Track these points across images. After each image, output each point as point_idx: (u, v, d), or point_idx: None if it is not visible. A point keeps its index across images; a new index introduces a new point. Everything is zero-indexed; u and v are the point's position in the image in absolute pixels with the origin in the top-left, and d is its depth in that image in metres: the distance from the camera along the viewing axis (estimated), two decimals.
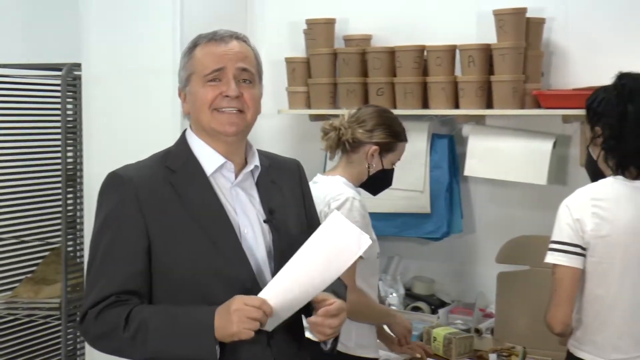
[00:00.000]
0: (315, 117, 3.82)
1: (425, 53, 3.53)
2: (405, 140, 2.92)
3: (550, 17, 3.47)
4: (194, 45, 2.06)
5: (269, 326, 1.90)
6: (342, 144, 2.86)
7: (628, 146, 2.50)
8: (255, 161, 2.08)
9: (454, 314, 3.58)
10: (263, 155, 2.16)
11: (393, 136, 2.86)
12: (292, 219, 2.10)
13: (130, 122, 3.69)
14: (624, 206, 2.47)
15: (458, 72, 3.50)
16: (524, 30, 3.36)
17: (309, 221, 2.17)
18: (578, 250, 2.49)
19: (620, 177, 2.51)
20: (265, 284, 1.93)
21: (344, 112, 2.93)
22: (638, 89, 2.51)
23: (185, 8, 3.62)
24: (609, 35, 3.42)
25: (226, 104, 1.99)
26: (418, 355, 3.07)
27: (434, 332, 3.22)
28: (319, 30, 3.73)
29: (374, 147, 2.84)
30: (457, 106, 3.48)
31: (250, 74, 2.02)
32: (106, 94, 3.73)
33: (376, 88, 3.59)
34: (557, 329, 2.54)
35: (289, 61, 3.80)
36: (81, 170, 3.95)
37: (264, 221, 2.04)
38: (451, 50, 3.47)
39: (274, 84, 3.95)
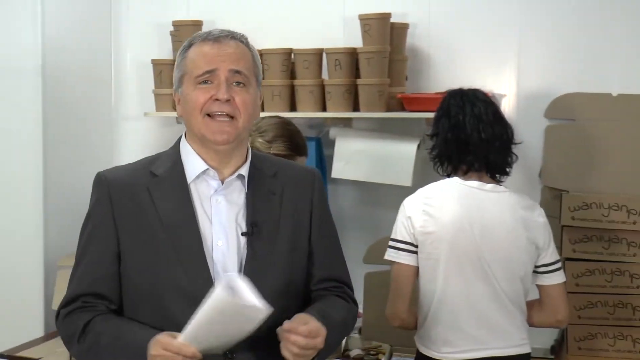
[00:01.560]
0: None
1: (292, 56, 3.55)
2: (305, 154, 2.90)
3: (413, 22, 3.56)
4: (189, 44, 1.96)
5: (218, 349, 1.81)
6: None
7: (442, 151, 2.68)
8: (242, 170, 1.95)
9: None
10: (271, 162, 2.04)
11: (292, 149, 2.85)
12: (284, 235, 1.95)
13: None
14: (451, 203, 2.58)
15: (325, 75, 3.54)
16: (389, 35, 3.43)
17: (314, 237, 2.00)
18: (410, 247, 2.61)
19: (456, 178, 2.65)
20: None
21: None
22: (456, 104, 2.69)
23: (46, 8, 3.51)
24: (469, 40, 3.55)
25: (217, 108, 1.88)
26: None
27: None
28: (186, 32, 3.68)
29: None
30: (324, 109, 3.52)
31: (244, 77, 1.91)
32: None
33: None
34: (394, 323, 2.67)
35: (156, 63, 3.74)
36: None
37: (242, 234, 1.91)
38: (318, 53, 3.51)
39: (141, 86, 3.90)
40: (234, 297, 1.73)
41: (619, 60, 3.42)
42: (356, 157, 3.54)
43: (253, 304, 1.75)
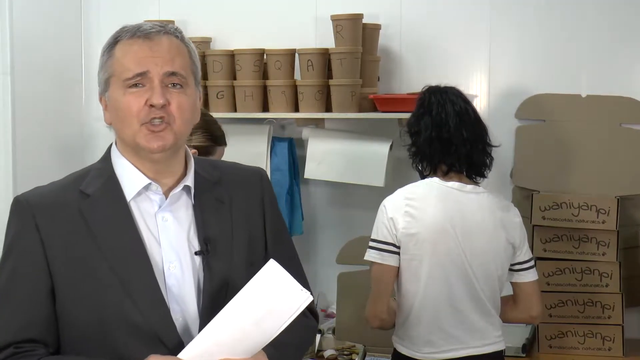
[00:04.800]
0: None
1: (265, 56, 3.55)
2: (224, 144, 2.90)
3: (385, 23, 3.58)
4: (115, 41, 1.70)
5: None
6: None
7: (424, 150, 2.66)
8: (187, 180, 1.73)
9: None
10: (212, 167, 1.82)
11: (212, 140, 2.83)
12: (240, 247, 1.74)
13: None
14: (433, 205, 2.59)
15: (298, 76, 3.54)
16: (361, 36, 3.44)
17: (271, 246, 1.80)
18: (392, 248, 2.60)
19: (435, 178, 2.64)
20: (189, 335, 1.64)
21: None
22: (437, 101, 2.68)
23: (15, 7, 3.47)
24: (441, 41, 3.58)
25: (152, 115, 1.65)
26: None
27: None
28: None
29: (193, 151, 2.80)
30: (296, 109, 3.52)
31: (180, 78, 1.68)
32: None
33: (216, 91, 3.57)
34: (374, 324, 2.67)
35: None
36: None
37: (196, 253, 1.69)
38: (290, 54, 3.51)
39: None
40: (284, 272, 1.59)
41: (587, 62, 3.46)
42: (329, 158, 3.54)
43: (300, 286, 1.60)
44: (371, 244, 2.64)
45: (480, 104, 3.53)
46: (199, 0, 3.82)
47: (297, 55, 3.52)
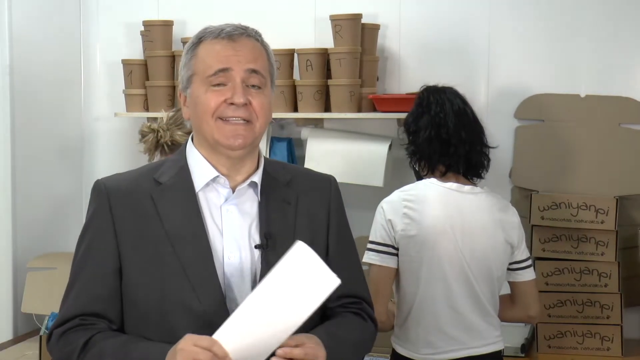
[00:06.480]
0: (153, 120, 3.76)
1: None
2: None
3: (384, 23, 3.58)
4: (198, 40, 1.80)
5: None
6: (160, 146, 2.80)
7: (423, 149, 2.65)
8: (255, 177, 1.81)
9: None
10: (284, 169, 1.89)
11: None
12: None
13: None
14: (432, 206, 2.58)
15: (297, 76, 3.54)
16: (360, 36, 3.44)
17: (332, 251, 1.86)
18: (390, 250, 2.59)
19: (433, 179, 2.63)
20: None
21: (163, 114, 2.89)
22: (436, 100, 2.68)
23: (14, 7, 3.48)
24: (440, 41, 3.57)
25: (231, 113, 1.73)
26: None
27: None
28: (157, 32, 3.68)
29: None
30: (295, 109, 3.53)
31: (260, 78, 1.77)
32: None
33: None
34: None
35: (126, 63, 3.72)
36: None
37: (255, 247, 1.77)
38: (289, 54, 3.51)
39: (111, 86, 3.89)
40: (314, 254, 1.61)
41: (587, 62, 3.46)
42: (328, 158, 3.54)
43: (329, 270, 1.62)
44: (369, 245, 2.63)
45: (479, 104, 3.53)
46: (198, 1, 3.82)
47: (296, 55, 3.52)
